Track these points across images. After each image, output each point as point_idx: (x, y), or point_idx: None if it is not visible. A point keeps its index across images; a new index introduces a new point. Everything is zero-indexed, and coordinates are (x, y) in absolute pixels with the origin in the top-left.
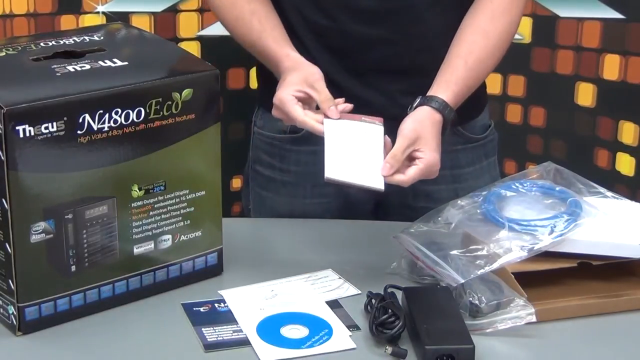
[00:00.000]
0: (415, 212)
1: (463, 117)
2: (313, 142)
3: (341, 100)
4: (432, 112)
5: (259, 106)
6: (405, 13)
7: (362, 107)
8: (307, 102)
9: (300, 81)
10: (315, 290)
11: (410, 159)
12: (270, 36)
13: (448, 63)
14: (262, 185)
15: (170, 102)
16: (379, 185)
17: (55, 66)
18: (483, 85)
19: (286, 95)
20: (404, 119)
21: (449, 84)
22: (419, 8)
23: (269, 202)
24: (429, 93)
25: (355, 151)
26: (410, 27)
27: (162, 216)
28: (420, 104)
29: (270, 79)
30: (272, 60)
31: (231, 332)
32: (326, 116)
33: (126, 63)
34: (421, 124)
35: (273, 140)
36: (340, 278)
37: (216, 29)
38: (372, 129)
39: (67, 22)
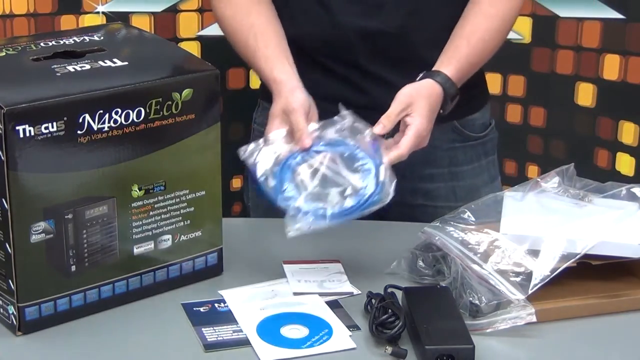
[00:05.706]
0: (413, 210)
1: (460, 113)
2: None
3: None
4: (433, 84)
5: (260, 101)
6: (408, 5)
7: (362, 95)
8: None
9: (279, 113)
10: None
11: (403, 129)
12: (263, 56)
13: (451, 42)
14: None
15: (170, 102)
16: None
17: (55, 66)
18: (483, 83)
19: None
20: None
21: (451, 60)
22: (422, 1)
23: (265, 200)
24: (433, 69)
25: None
26: (412, 19)
27: (162, 216)
28: (422, 78)
29: None
30: (265, 82)
31: (231, 332)
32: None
33: (126, 63)
34: (417, 91)
35: None
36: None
37: (216, 29)
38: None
39: (67, 22)
